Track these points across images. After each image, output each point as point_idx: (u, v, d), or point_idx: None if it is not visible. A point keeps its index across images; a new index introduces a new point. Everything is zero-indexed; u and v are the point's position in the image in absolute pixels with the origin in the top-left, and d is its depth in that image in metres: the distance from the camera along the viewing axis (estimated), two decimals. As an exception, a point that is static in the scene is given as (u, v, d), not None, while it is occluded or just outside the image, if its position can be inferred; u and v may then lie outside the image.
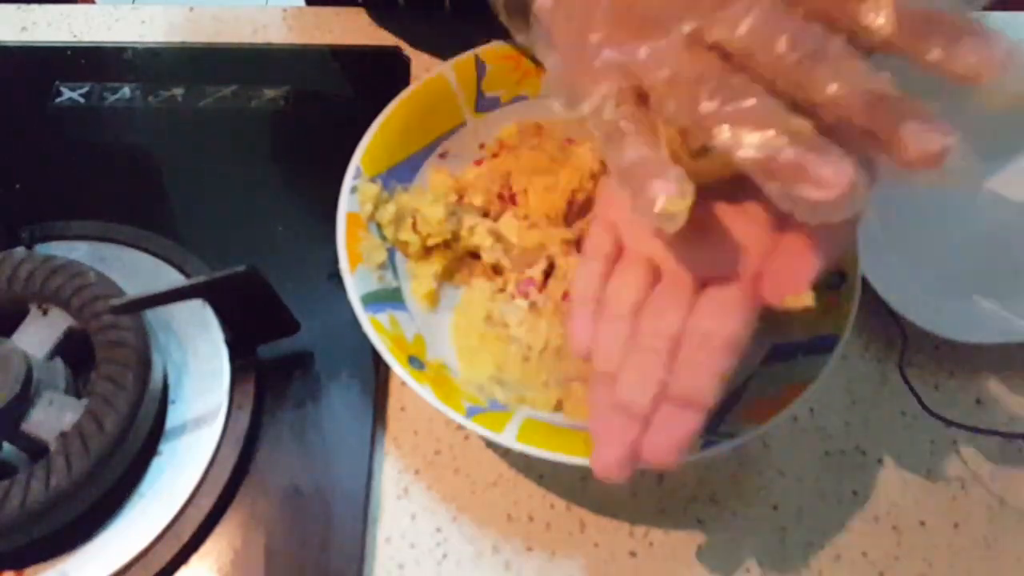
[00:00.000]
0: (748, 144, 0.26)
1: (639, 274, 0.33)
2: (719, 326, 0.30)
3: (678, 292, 0.32)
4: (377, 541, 0.39)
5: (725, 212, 0.32)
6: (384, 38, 0.56)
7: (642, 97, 0.29)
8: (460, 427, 0.41)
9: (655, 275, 0.33)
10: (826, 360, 0.37)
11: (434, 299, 0.43)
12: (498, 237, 0.44)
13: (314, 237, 0.45)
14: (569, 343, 0.33)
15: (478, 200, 0.45)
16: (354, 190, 0.42)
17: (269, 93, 0.52)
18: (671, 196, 0.27)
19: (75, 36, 0.57)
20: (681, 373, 0.30)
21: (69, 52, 0.55)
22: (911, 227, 0.47)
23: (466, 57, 0.47)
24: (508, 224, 0.45)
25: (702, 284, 0.32)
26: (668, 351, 0.31)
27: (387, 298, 0.41)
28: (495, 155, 0.47)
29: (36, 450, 0.37)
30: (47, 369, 0.39)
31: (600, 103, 0.29)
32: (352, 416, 0.41)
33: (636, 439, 0.29)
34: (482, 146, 0.48)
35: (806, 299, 0.30)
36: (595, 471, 0.30)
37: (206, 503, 0.38)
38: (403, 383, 0.37)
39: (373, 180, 0.43)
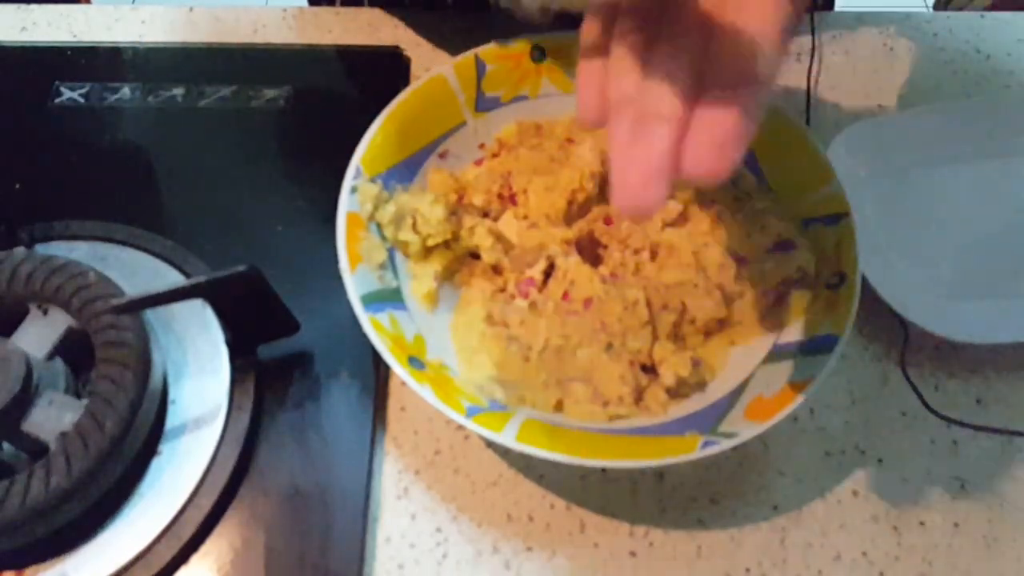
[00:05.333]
0: None
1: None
2: None
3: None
4: (377, 541, 0.39)
5: None
6: (384, 38, 0.56)
7: None
8: (460, 427, 0.41)
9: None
10: (826, 360, 0.37)
11: (434, 299, 0.43)
12: (498, 237, 0.44)
13: (314, 237, 0.45)
14: (577, 109, 0.28)
15: (478, 200, 0.45)
16: (354, 190, 0.42)
17: (269, 93, 0.52)
18: None
19: (75, 36, 0.57)
20: (719, 46, 0.24)
21: (69, 52, 0.55)
22: (911, 227, 0.47)
23: (466, 57, 0.47)
24: (508, 224, 0.45)
25: None
26: (699, 28, 0.25)
27: (387, 298, 0.41)
28: (495, 155, 0.47)
29: (36, 450, 0.37)
30: (47, 369, 0.39)
31: None
32: (352, 416, 0.41)
33: (668, 145, 0.24)
34: (482, 146, 0.48)
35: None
36: (618, 203, 0.24)
37: (206, 503, 0.38)
38: (403, 383, 0.37)
39: (373, 180, 0.43)
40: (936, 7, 1.27)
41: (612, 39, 0.28)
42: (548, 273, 0.44)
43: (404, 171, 0.45)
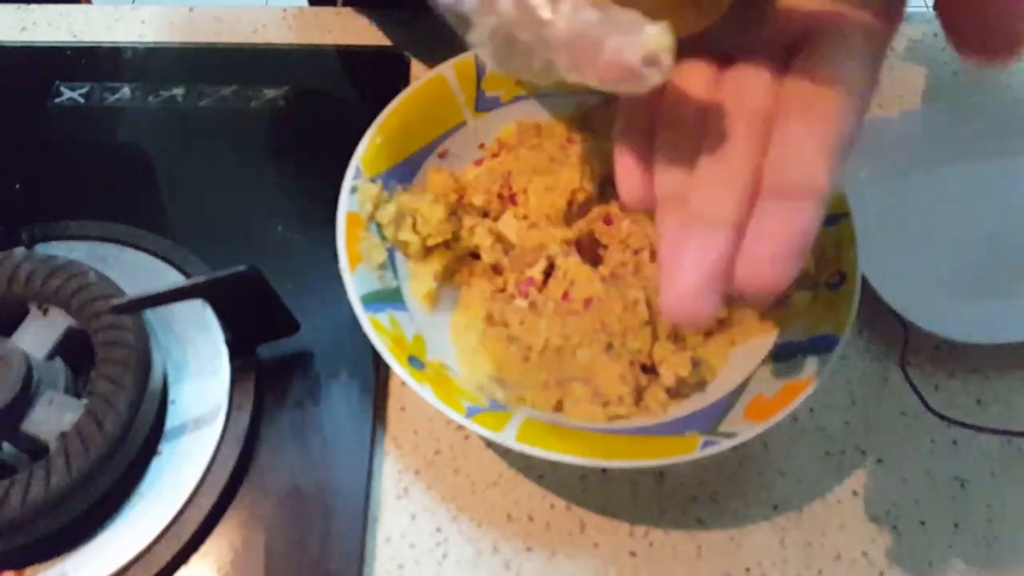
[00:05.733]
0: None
1: (704, 70, 0.26)
2: (825, 82, 0.23)
3: (760, 66, 0.25)
4: (377, 541, 0.39)
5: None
6: (384, 38, 0.56)
7: None
8: (460, 427, 0.41)
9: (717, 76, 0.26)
10: (826, 360, 0.37)
11: (434, 299, 0.43)
12: (498, 237, 0.44)
13: (314, 237, 0.45)
14: (619, 190, 0.27)
15: (478, 200, 0.45)
16: (354, 190, 0.42)
17: (269, 93, 0.52)
18: (646, 37, 0.21)
19: (75, 36, 0.57)
20: (782, 153, 0.23)
21: (69, 52, 0.55)
22: (911, 227, 0.47)
23: (466, 57, 0.47)
24: (508, 224, 0.45)
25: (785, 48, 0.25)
26: (758, 133, 0.23)
27: (387, 298, 0.41)
28: (495, 155, 0.47)
29: (36, 450, 0.37)
30: (47, 369, 0.39)
31: None
32: (352, 416, 0.41)
33: (723, 253, 0.22)
34: (482, 146, 0.48)
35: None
36: (668, 310, 0.23)
37: (206, 503, 0.38)
38: (403, 383, 0.37)
39: (373, 180, 0.43)
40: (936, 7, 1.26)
41: (656, 126, 0.27)
42: (548, 273, 0.44)
43: (404, 171, 0.45)
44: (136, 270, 0.44)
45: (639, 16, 0.22)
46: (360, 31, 0.57)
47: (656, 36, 0.22)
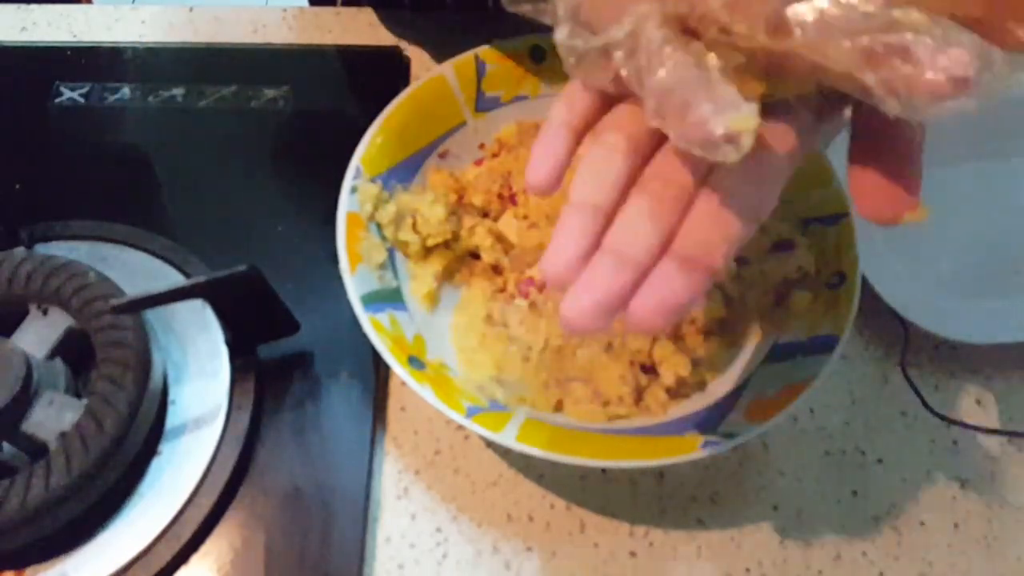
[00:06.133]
0: (842, 31, 0.22)
1: (637, 118, 0.28)
2: (745, 189, 0.26)
3: (688, 157, 0.27)
4: (377, 541, 0.39)
5: None
6: (384, 38, 0.56)
7: (685, 29, 0.26)
8: (460, 427, 0.41)
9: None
10: (826, 360, 0.37)
11: (434, 299, 0.43)
12: (498, 237, 0.44)
13: (314, 237, 0.45)
14: (528, 171, 0.28)
15: (478, 200, 0.45)
16: (354, 190, 0.42)
17: (269, 93, 0.52)
18: (736, 115, 0.23)
19: (75, 36, 0.57)
20: (692, 228, 0.26)
21: (69, 52, 0.55)
22: (911, 227, 0.47)
23: (466, 57, 0.47)
24: (508, 224, 0.45)
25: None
26: (679, 201, 0.26)
27: (387, 298, 0.41)
28: (495, 155, 0.47)
29: (36, 450, 0.37)
30: (47, 369, 0.39)
31: (638, 24, 0.26)
32: (352, 416, 0.41)
33: (625, 288, 0.25)
34: (482, 146, 0.48)
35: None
36: (564, 317, 0.25)
37: (206, 503, 0.38)
38: (403, 383, 0.37)
39: (373, 180, 0.43)
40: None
41: (595, 130, 0.29)
42: (548, 273, 0.43)
43: (404, 171, 0.45)
44: (136, 270, 0.44)
45: (735, 92, 0.24)
46: (360, 31, 0.57)
47: (744, 117, 0.23)
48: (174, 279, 0.44)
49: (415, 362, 0.38)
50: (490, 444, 0.42)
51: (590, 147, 0.28)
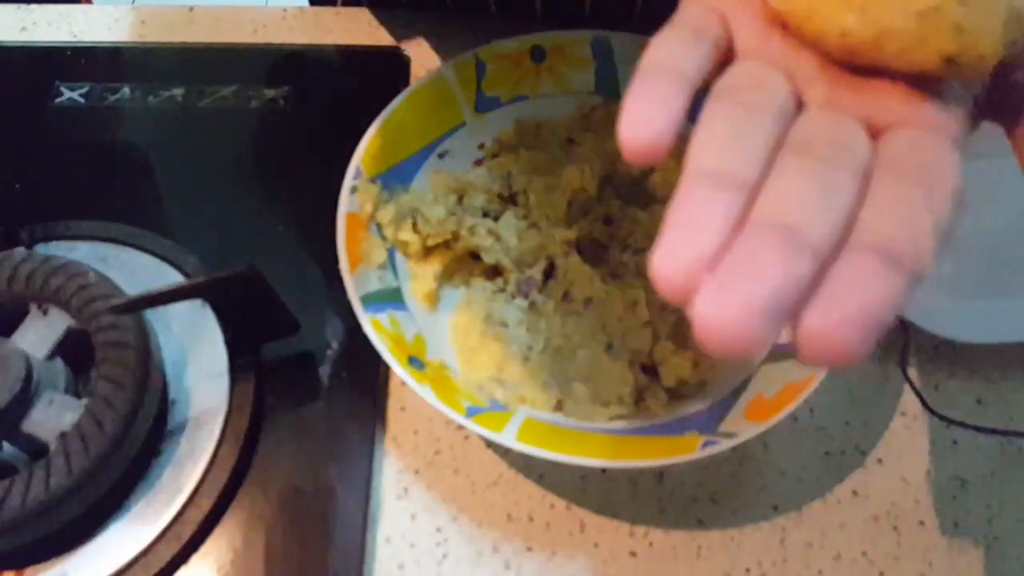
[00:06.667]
0: None
1: (778, 76, 0.21)
2: (939, 163, 0.20)
3: (847, 119, 0.21)
4: (377, 541, 0.39)
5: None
6: (384, 38, 0.56)
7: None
8: (460, 427, 0.41)
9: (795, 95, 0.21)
10: (826, 360, 0.37)
11: (434, 299, 0.43)
12: (498, 237, 0.44)
13: (314, 237, 0.45)
14: (625, 128, 0.19)
15: (478, 200, 0.45)
16: (354, 190, 0.42)
17: (269, 93, 0.52)
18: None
19: (75, 36, 0.57)
20: (889, 211, 0.18)
21: (69, 52, 0.55)
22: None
23: (466, 57, 0.47)
24: (508, 224, 0.45)
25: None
26: (858, 173, 0.19)
27: (387, 298, 0.41)
28: (495, 155, 0.47)
29: (36, 450, 0.37)
30: (47, 369, 0.39)
31: None
32: (352, 416, 0.41)
33: (800, 284, 0.17)
34: (482, 146, 0.48)
35: None
36: (705, 325, 0.17)
37: (206, 503, 0.38)
38: (403, 383, 0.37)
39: (373, 180, 0.43)
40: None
41: (718, 87, 0.21)
42: (548, 273, 0.44)
43: (404, 171, 0.45)
44: (136, 270, 0.44)
45: None
46: (360, 31, 0.57)
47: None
48: (174, 279, 0.44)
49: (415, 362, 0.38)
50: (490, 444, 0.42)
51: (716, 105, 0.20)
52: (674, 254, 0.18)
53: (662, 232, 0.18)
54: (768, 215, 0.18)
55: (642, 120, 0.19)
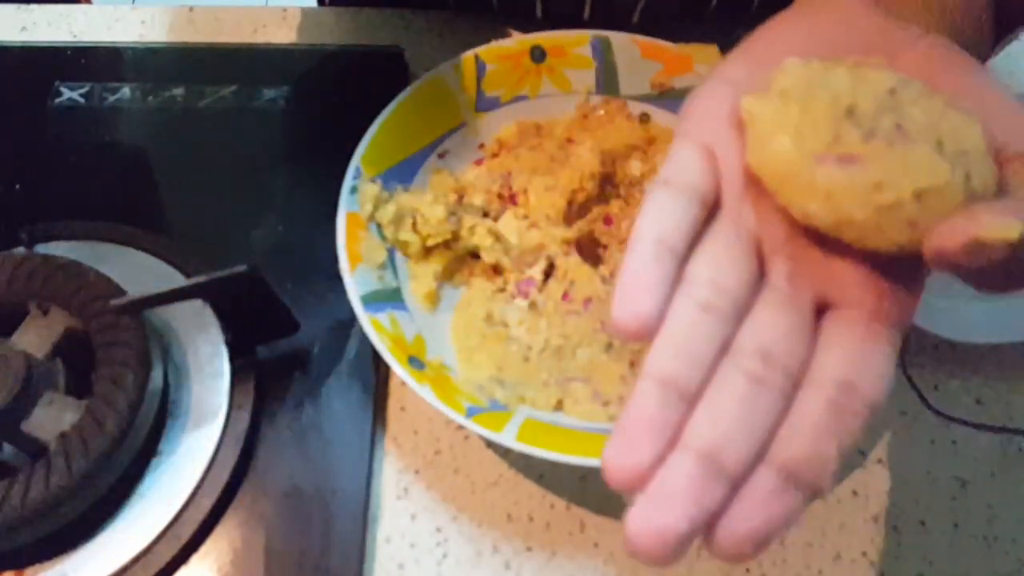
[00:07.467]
0: None
1: (743, 256, 0.23)
2: (866, 375, 0.21)
3: (794, 308, 0.23)
4: (377, 541, 0.39)
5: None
6: (384, 38, 0.56)
7: None
8: (460, 427, 0.41)
9: (759, 264, 0.23)
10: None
11: (434, 299, 0.43)
12: (498, 237, 0.44)
13: (314, 237, 0.45)
14: (617, 307, 0.23)
15: (478, 200, 0.45)
16: (354, 190, 0.42)
17: (269, 93, 0.52)
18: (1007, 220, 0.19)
19: (75, 36, 0.57)
20: (799, 430, 0.21)
21: (69, 52, 0.55)
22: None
23: (466, 57, 0.47)
24: (508, 224, 0.45)
25: (816, 305, 0.23)
26: (783, 389, 0.21)
27: (387, 298, 0.41)
28: (495, 155, 0.47)
29: (36, 450, 0.37)
30: (47, 369, 0.39)
31: None
32: (352, 416, 0.41)
33: (713, 508, 0.20)
34: (482, 146, 0.48)
35: None
36: (635, 542, 0.20)
37: (206, 503, 0.38)
38: (403, 383, 0.37)
39: (373, 180, 0.43)
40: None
41: (686, 275, 0.23)
42: (548, 273, 0.44)
43: (404, 171, 0.45)
44: (136, 270, 0.44)
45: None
46: (360, 31, 0.57)
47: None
48: (174, 279, 0.44)
49: (415, 362, 0.38)
50: (490, 444, 0.42)
51: (677, 300, 0.22)
52: (622, 455, 0.20)
53: (616, 426, 0.21)
54: (697, 440, 0.20)
55: (636, 304, 0.22)
